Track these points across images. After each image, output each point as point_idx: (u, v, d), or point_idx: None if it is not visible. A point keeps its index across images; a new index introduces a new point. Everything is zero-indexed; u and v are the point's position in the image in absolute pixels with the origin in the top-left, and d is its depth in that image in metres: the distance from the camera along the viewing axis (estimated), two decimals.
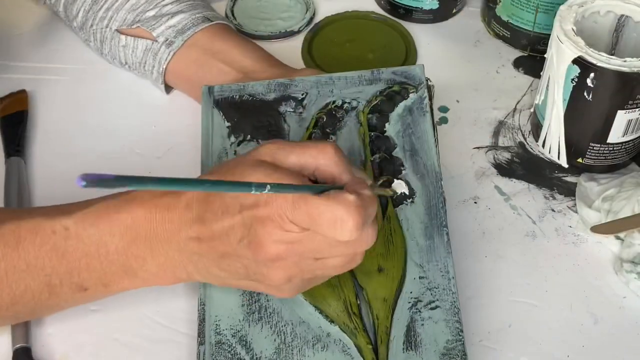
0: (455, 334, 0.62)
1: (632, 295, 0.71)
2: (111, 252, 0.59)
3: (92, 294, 0.61)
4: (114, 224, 0.59)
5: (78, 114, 0.85)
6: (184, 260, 0.59)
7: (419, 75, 0.74)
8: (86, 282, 0.60)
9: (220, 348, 0.62)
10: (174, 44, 0.81)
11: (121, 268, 0.60)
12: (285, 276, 0.57)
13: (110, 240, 0.59)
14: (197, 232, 0.57)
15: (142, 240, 0.59)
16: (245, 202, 0.55)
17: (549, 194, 0.79)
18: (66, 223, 0.59)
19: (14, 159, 0.80)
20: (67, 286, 0.60)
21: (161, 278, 0.61)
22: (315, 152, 0.57)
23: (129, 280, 0.61)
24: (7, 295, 0.59)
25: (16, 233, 0.59)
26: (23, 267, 0.59)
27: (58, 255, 0.59)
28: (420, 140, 0.70)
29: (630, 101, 0.73)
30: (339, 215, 0.53)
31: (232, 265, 0.58)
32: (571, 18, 0.76)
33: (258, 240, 0.55)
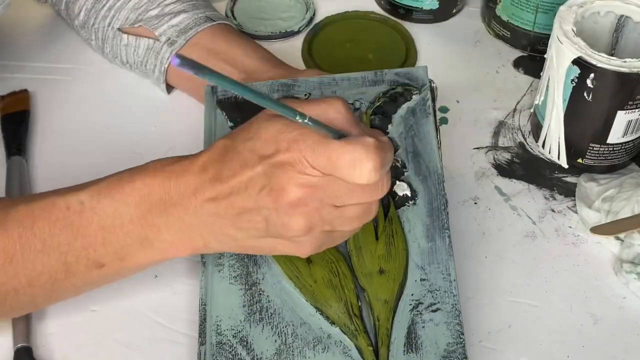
0: (456, 337, 0.62)
1: (632, 296, 0.72)
2: (126, 223, 0.59)
3: (108, 270, 0.60)
4: (128, 193, 0.58)
5: (79, 114, 0.85)
6: (200, 224, 0.58)
7: (422, 77, 0.74)
8: (102, 257, 0.59)
9: (221, 348, 0.62)
10: (176, 44, 0.81)
11: (137, 239, 0.59)
12: (306, 224, 0.56)
13: (125, 211, 0.58)
14: (214, 191, 0.57)
15: (157, 208, 0.58)
16: (264, 153, 0.55)
17: (549, 195, 0.79)
18: (80, 197, 0.59)
19: (15, 159, 0.80)
20: (83, 263, 0.59)
21: (177, 247, 0.60)
22: (325, 105, 0.57)
23: (145, 252, 0.60)
24: (24, 277, 0.59)
25: (30, 213, 0.59)
26: (39, 247, 0.58)
27: (73, 231, 0.58)
28: (423, 142, 0.70)
29: (630, 102, 0.73)
30: (358, 157, 0.54)
31: (251, 220, 0.57)
32: (571, 18, 0.76)
33: (280, 186, 0.55)
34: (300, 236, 0.57)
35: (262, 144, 0.56)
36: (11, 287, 0.59)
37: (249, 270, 0.65)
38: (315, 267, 0.65)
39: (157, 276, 0.72)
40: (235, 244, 0.60)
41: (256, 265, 0.66)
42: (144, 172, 0.59)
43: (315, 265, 0.65)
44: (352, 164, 0.54)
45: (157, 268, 0.72)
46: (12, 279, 0.59)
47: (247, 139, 0.57)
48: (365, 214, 0.59)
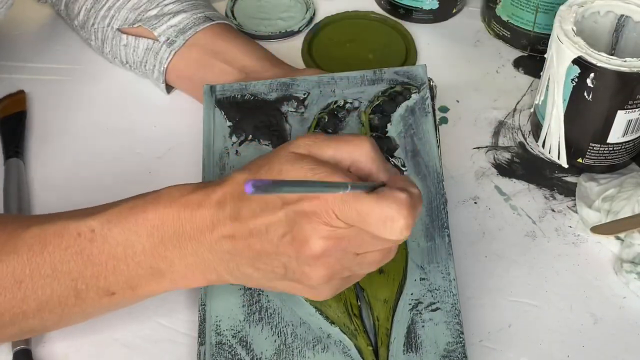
0: (455, 336, 0.62)
1: (632, 296, 0.72)
2: (138, 254, 0.57)
3: (119, 298, 0.60)
4: (140, 223, 0.57)
5: (78, 114, 0.85)
6: (215, 260, 0.57)
7: (421, 76, 0.74)
8: (113, 286, 0.59)
9: (221, 349, 0.62)
10: (175, 44, 0.81)
11: (148, 270, 0.58)
12: (326, 274, 0.55)
13: (136, 241, 0.57)
14: (232, 229, 0.55)
15: (170, 240, 0.57)
16: (288, 198, 0.54)
17: (549, 194, 0.79)
18: (91, 225, 0.58)
19: (13, 161, 0.79)
20: (93, 291, 0.59)
21: (189, 279, 0.59)
22: (352, 147, 0.55)
23: (157, 282, 0.59)
24: (34, 302, 0.58)
25: (41, 237, 0.58)
26: (49, 272, 0.57)
27: (84, 258, 0.58)
28: (422, 141, 0.70)
29: (630, 101, 0.73)
30: (390, 214, 0.52)
31: (270, 264, 0.56)
32: (571, 18, 0.76)
33: (303, 236, 0.54)
34: (320, 285, 0.56)
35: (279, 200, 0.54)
36: (20, 310, 0.58)
37: None
38: None
39: None
40: (251, 281, 0.59)
41: None
42: (157, 201, 0.58)
43: None
44: (383, 221, 0.52)
45: None
46: (21, 303, 0.58)
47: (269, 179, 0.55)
48: (385, 257, 0.57)
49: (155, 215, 0.57)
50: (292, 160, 0.54)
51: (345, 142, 0.56)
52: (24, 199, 0.76)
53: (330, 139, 0.56)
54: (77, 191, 0.78)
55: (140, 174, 0.79)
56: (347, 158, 0.55)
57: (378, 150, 0.56)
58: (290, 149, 0.55)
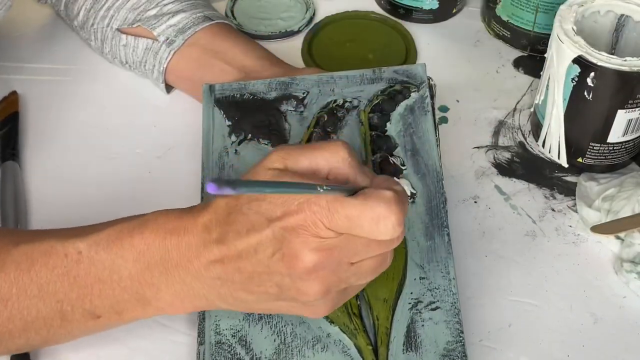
0: (455, 335, 0.62)
1: (632, 295, 0.71)
2: (124, 279, 0.57)
3: (105, 322, 0.59)
4: (126, 248, 0.57)
5: (78, 114, 0.85)
6: (204, 287, 0.56)
7: (420, 75, 0.74)
8: (98, 309, 0.58)
9: (220, 348, 0.62)
10: (174, 43, 0.81)
11: (134, 296, 0.57)
12: (322, 288, 0.54)
13: (123, 266, 0.57)
14: (219, 253, 0.54)
15: (156, 266, 0.56)
16: (272, 215, 0.53)
17: (549, 194, 0.79)
18: (79, 246, 0.57)
19: (9, 164, 0.79)
20: (79, 313, 0.58)
21: (176, 307, 0.58)
22: (328, 154, 0.54)
23: (142, 308, 0.58)
24: (19, 321, 0.58)
25: (29, 255, 0.57)
26: (35, 292, 0.57)
27: (70, 280, 0.57)
28: (422, 139, 0.70)
29: (631, 101, 0.73)
30: (380, 213, 0.52)
31: (262, 285, 0.55)
32: (571, 18, 0.76)
33: (293, 252, 0.53)
34: (317, 300, 0.55)
35: (268, 205, 0.53)
36: (6, 329, 0.58)
37: None
38: None
39: None
40: (245, 305, 0.58)
41: None
42: (143, 226, 0.57)
43: None
44: (375, 221, 0.52)
45: None
46: (7, 322, 0.58)
47: (251, 199, 0.54)
48: (381, 264, 0.57)
49: (141, 241, 0.57)
50: (269, 177, 0.54)
51: (320, 150, 0.55)
52: (21, 203, 0.76)
53: (304, 149, 0.55)
54: (77, 191, 0.78)
55: (140, 174, 0.79)
56: (324, 166, 0.55)
57: (354, 154, 0.56)
58: (266, 165, 0.55)
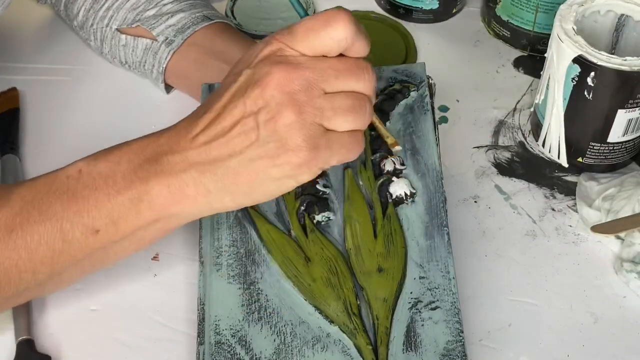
0: (455, 335, 0.62)
1: (632, 295, 0.71)
2: (118, 181, 0.58)
3: (104, 236, 0.59)
4: (123, 153, 0.59)
5: (78, 114, 0.85)
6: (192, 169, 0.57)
7: (420, 74, 0.74)
8: (96, 220, 0.58)
9: (220, 348, 0.62)
10: (173, 43, 0.81)
11: (127, 196, 0.58)
12: (296, 108, 0.55)
13: (117, 169, 0.58)
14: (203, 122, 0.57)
15: (148, 160, 0.58)
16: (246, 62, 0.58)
17: (549, 194, 0.79)
18: (79, 165, 0.59)
19: (9, 157, 0.80)
20: (78, 230, 0.59)
21: (167, 200, 0.58)
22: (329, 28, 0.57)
23: (136, 209, 0.58)
24: (24, 250, 0.58)
25: (32, 187, 0.59)
26: (36, 217, 0.58)
27: (69, 197, 0.58)
28: (421, 139, 0.70)
29: (631, 100, 0.73)
30: (331, 15, 0.56)
31: (245, 132, 0.56)
32: (571, 17, 0.76)
33: (263, 72, 0.56)
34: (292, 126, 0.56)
35: (241, 62, 0.59)
36: (13, 262, 0.59)
37: (247, 270, 0.65)
38: (314, 266, 0.65)
39: (157, 275, 0.72)
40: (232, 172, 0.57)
41: (254, 264, 0.65)
42: (140, 138, 0.60)
43: (314, 264, 0.65)
44: (327, 22, 0.56)
45: (157, 267, 0.72)
46: (13, 253, 0.58)
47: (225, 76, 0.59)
48: (356, 109, 0.57)
49: (137, 143, 0.59)
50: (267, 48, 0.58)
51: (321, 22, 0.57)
52: None
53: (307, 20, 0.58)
54: None
55: None
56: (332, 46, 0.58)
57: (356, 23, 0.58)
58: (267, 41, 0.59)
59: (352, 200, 0.68)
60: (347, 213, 0.67)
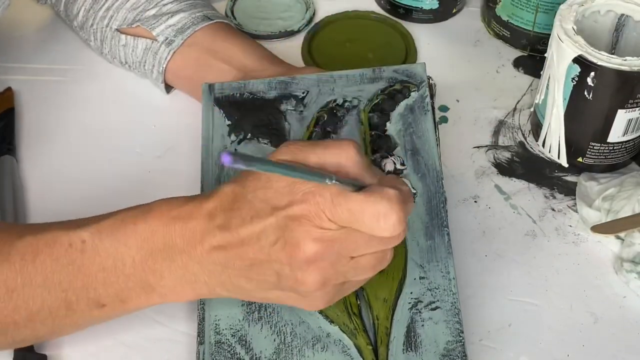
0: (455, 335, 0.62)
1: (632, 295, 0.71)
2: (128, 266, 0.57)
3: (109, 311, 0.59)
4: (130, 235, 0.57)
5: (78, 114, 0.85)
6: (205, 273, 0.57)
7: (420, 74, 0.74)
8: (103, 298, 0.58)
9: (220, 348, 0.62)
10: (173, 43, 0.81)
11: (138, 283, 0.58)
12: (320, 279, 0.55)
13: (127, 253, 0.57)
14: (222, 240, 0.55)
15: (160, 252, 0.57)
16: (277, 204, 0.54)
17: (549, 194, 0.79)
18: (83, 236, 0.58)
19: (6, 158, 0.79)
20: (84, 302, 0.58)
21: (179, 294, 0.58)
22: (337, 151, 0.55)
23: (146, 296, 0.59)
24: (24, 311, 0.58)
25: (34, 246, 0.58)
26: (40, 282, 0.57)
27: (74, 269, 0.57)
28: (422, 139, 0.70)
29: (631, 100, 0.73)
30: (382, 210, 0.52)
31: (263, 273, 0.56)
32: (571, 17, 0.76)
33: (295, 241, 0.53)
34: (314, 291, 0.56)
35: (274, 194, 0.54)
36: (11, 320, 0.58)
37: None
38: None
39: None
40: (244, 293, 0.58)
41: None
42: (147, 213, 0.58)
43: None
44: (376, 217, 0.52)
45: None
46: (13, 312, 0.58)
47: (257, 187, 0.55)
48: (380, 262, 0.57)
49: (145, 227, 0.57)
50: None
51: (330, 147, 0.55)
52: (19, 196, 0.76)
53: (314, 145, 0.56)
54: (77, 191, 0.78)
55: (140, 174, 0.79)
56: (332, 163, 0.55)
57: (363, 154, 0.56)
58: (275, 157, 0.55)
59: None
60: None
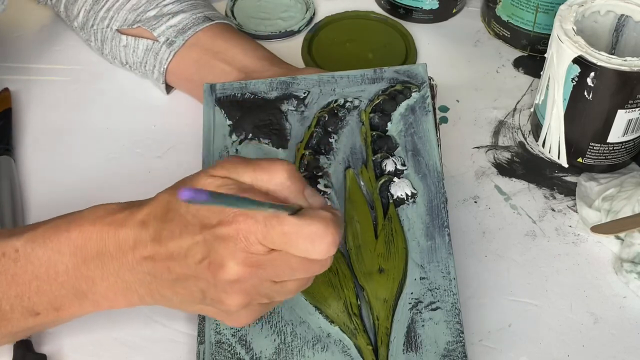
0: (455, 335, 0.62)
1: (632, 295, 0.71)
2: (60, 273, 0.57)
3: (44, 319, 0.59)
4: (63, 242, 0.57)
5: (78, 114, 0.85)
6: (136, 281, 0.57)
7: (421, 74, 0.74)
8: (37, 306, 0.58)
9: (220, 348, 0.62)
10: (174, 44, 0.81)
11: (71, 291, 0.57)
12: (242, 301, 0.55)
13: (59, 260, 0.57)
14: (152, 250, 0.55)
15: (93, 259, 0.56)
16: (207, 222, 0.53)
17: (549, 194, 0.79)
18: (15, 244, 0.57)
19: (3, 158, 0.79)
20: (18, 311, 0.58)
21: (111, 301, 0.58)
22: (267, 176, 0.54)
23: (79, 303, 0.58)
24: None
25: None
26: None
27: (8, 278, 0.57)
28: (422, 140, 0.70)
29: (631, 100, 0.73)
30: (317, 232, 0.52)
31: (188, 287, 0.55)
32: (571, 17, 0.76)
33: (219, 261, 0.53)
34: (237, 311, 0.56)
35: (206, 211, 0.53)
36: None
37: None
38: None
39: None
40: (170, 304, 0.58)
41: None
42: (81, 219, 0.57)
43: None
44: (311, 239, 0.52)
45: None
46: None
47: None
48: (304, 285, 0.57)
49: (78, 234, 0.57)
50: (209, 184, 0.54)
51: (262, 170, 0.54)
52: (16, 196, 0.76)
53: (248, 164, 0.55)
54: (77, 191, 0.78)
55: (140, 174, 0.79)
56: (263, 185, 0.54)
57: (296, 176, 0.55)
58: (210, 172, 0.55)
59: (353, 200, 0.68)
60: (348, 213, 0.67)
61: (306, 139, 0.71)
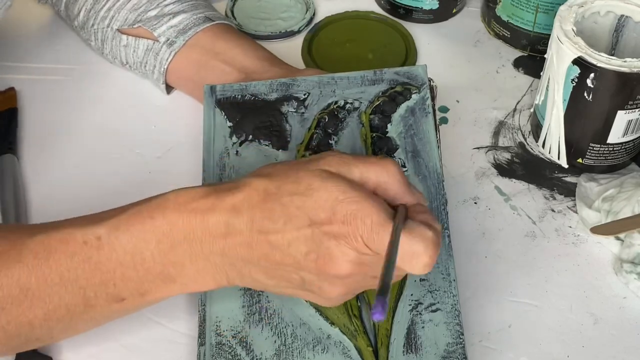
0: (455, 337, 0.62)
1: (632, 296, 0.72)
2: (147, 260, 0.57)
3: (129, 304, 0.59)
4: (147, 230, 0.56)
5: (78, 114, 0.85)
6: (226, 264, 0.57)
7: (421, 76, 0.74)
8: (123, 292, 0.58)
9: (221, 349, 0.62)
10: (175, 44, 0.81)
11: (158, 276, 0.57)
12: (344, 292, 0.57)
13: (145, 248, 0.56)
14: (249, 238, 0.55)
15: (180, 245, 0.56)
16: (316, 217, 0.54)
17: (549, 194, 0.79)
18: (97, 232, 0.57)
19: (7, 157, 0.79)
20: (102, 298, 0.58)
21: (200, 283, 0.58)
22: (379, 169, 0.56)
23: (167, 287, 0.58)
24: (40, 310, 0.57)
25: (46, 244, 0.57)
26: (56, 280, 0.56)
27: (91, 266, 0.56)
28: (422, 141, 0.70)
29: (630, 101, 0.73)
30: (417, 251, 0.54)
31: (287, 274, 0.56)
32: (571, 18, 0.76)
33: (330, 257, 0.54)
34: (335, 298, 0.57)
35: (314, 205, 0.54)
36: (26, 320, 0.57)
37: None
38: None
39: None
40: (261, 286, 0.59)
41: None
42: (164, 206, 0.57)
43: None
44: (410, 256, 0.54)
45: None
46: (27, 312, 0.57)
47: (295, 192, 0.55)
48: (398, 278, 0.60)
49: (163, 221, 0.56)
50: (323, 178, 0.55)
51: (372, 164, 0.57)
52: (20, 195, 0.76)
53: (358, 160, 0.57)
54: (77, 191, 0.78)
55: (140, 174, 0.79)
56: (373, 180, 0.56)
57: (402, 173, 0.57)
58: (321, 166, 0.56)
59: None
60: None
61: (306, 141, 0.71)
